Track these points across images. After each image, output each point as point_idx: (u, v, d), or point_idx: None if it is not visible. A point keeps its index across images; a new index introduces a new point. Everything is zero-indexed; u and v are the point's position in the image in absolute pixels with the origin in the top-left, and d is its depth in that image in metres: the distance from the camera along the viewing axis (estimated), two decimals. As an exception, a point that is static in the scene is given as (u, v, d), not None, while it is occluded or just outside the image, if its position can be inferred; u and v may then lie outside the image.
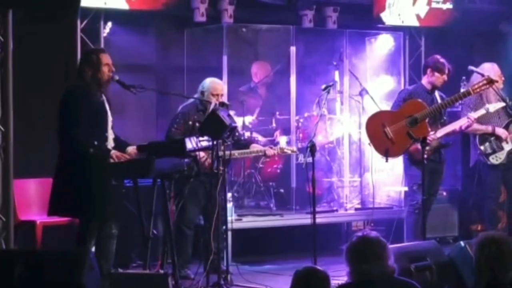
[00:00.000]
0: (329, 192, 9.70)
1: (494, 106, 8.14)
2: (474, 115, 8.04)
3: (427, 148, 7.74)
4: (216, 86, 7.80)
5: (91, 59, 6.61)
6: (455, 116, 8.37)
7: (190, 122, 7.71)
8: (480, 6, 10.59)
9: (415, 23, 10.17)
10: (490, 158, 8.50)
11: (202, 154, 7.41)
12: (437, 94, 8.10)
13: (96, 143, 6.43)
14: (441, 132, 7.95)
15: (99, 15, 8.70)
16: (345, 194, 9.65)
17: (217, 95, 7.73)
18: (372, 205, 9.25)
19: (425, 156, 7.70)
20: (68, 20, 8.51)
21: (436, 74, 8.01)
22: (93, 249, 6.61)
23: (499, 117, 8.48)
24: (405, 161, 8.14)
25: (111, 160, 6.45)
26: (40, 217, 7.93)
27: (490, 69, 8.37)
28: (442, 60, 8.06)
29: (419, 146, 7.65)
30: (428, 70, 8.08)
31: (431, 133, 7.82)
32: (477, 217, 9.39)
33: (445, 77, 8.04)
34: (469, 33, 10.55)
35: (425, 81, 8.12)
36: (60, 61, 8.60)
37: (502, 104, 8.19)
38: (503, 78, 8.47)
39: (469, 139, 8.75)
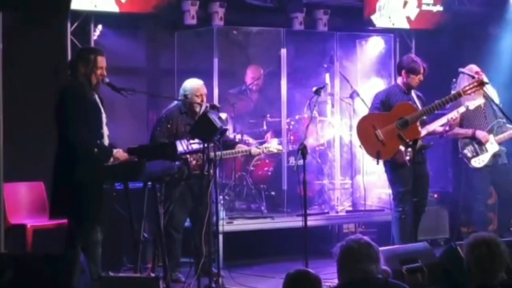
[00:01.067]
0: (320, 194, 9.69)
1: (474, 103, 8.07)
2: (459, 110, 7.97)
3: (409, 150, 7.73)
4: (198, 87, 7.83)
5: (88, 58, 6.57)
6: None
7: (174, 125, 7.72)
8: (469, 8, 10.62)
9: (405, 25, 10.18)
10: (472, 161, 8.50)
11: (190, 158, 7.42)
12: (413, 93, 7.98)
13: (98, 142, 6.44)
14: (423, 131, 7.84)
15: (89, 17, 8.70)
16: (336, 196, 9.64)
17: (201, 95, 7.76)
18: (363, 208, 9.25)
19: (409, 158, 7.71)
20: (59, 22, 8.52)
21: (411, 75, 7.88)
22: (83, 252, 6.60)
23: (485, 118, 8.48)
24: (388, 166, 7.97)
25: (112, 160, 6.45)
26: (30, 221, 7.91)
27: (470, 71, 8.37)
28: (415, 60, 7.93)
29: (401, 148, 7.66)
30: (403, 72, 7.94)
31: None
32: (467, 219, 9.38)
33: (420, 77, 7.90)
34: (459, 35, 10.58)
35: (400, 81, 7.99)
36: (50, 64, 8.58)
37: (482, 101, 8.11)
38: (482, 74, 8.45)
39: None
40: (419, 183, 7.83)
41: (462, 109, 7.96)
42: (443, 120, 7.94)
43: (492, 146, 8.47)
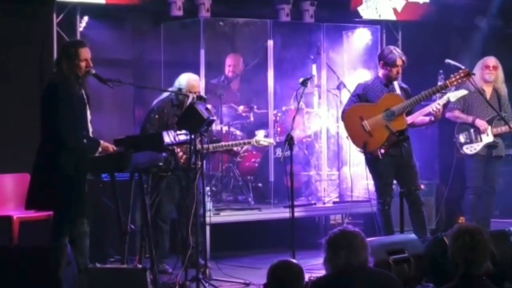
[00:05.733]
0: (307, 186, 9.70)
1: (456, 94, 8.11)
2: (441, 101, 7.96)
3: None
4: (194, 83, 7.76)
5: (69, 52, 6.54)
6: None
7: (165, 118, 7.69)
8: (456, 0, 10.63)
9: (392, 17, 10.18)
10: (464, 147, 8.56)
11: (177, 150, 7.40)
12: (396, 85, 7.93)
13: (85, 133, 6.43)
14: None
15: (75, 9, 8.66)
16: (323, 187, 9.65)
17: (195, 92, 7.70)
18: (350, 199, 9.26)
19: (383, 151, 7.74)
20: (44, 14, 8.48)
21: (388, 67, 7.84)
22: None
23: (487, 108, 8.53)
24: (366, 160, 7.97)
25: (100, 150, 6.44)
26: (16, 212, 7.88)
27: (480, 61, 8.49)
28: (393, 51, 7.86)
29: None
30: (381, 63, 7.94)
31: None
32: (457, 209, 9.41)
33: (398, 69, 7.83)
34: (445, 26, 10.60)
35: (380, 73, 7.98)
36: (36, 56, 8.56)
37: (464, 92, 8.15)
38: (490, 68, 8.53)
39: (447, 132, 8.78)
40: (403, 175, 7.85)
41: (443, 100, 7.94)
42: (425, 111, 7.93)
43: (487, 137, 8.51)
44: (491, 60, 8.68)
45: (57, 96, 6.39)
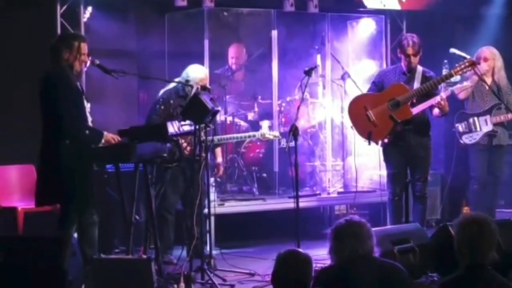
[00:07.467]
0: (311, 176, 9.69)
1: (460, 87, 8.11)
2: (443, 94, 7.93)
3: None
4: (202, 76, 7.71)
5: (72, 44, 6.50)
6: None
7: (171, 109, 7.67)
8: (461, -12, 10.58)
9: (396, 6, 10.13)
10: (463, 137, 8.55)
11: (181, 140, 7.39)
12: (419, 72, 7.87)
13: (87, 124, 6.43)
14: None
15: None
16: (327, 178, 9.64)
17: (202, 85, 7.67)
18: (355, 189, 9.24)
19: (386, 141, 7.74)
20: (48, 5, 8.47)
21: (401, 55, 7.88)
22: (75, 235, 6.58)
23: (487, 96, 8.51)
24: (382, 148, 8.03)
25: (103, 141, 6.44)
26: (21, 204, 7.89)
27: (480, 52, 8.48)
28: (407, 39, 7.82)
29: None
30: (398, 51, 8.02)
31: None
32: (462, 198, 9.40)
33: (410, 58, 7.78)
34: (450, 16, 10.55)
35: (401, 61, 8.01)
36: (39, 47, 8.53)
37: (469, 84, 8.15)
38: (480, 61, 8.50)
39: (452, 121, 8.77)
40: (411, 164, 7.83)
41: (447, 93, 7.95)
42: (429, 103, 7.89)
43: (486, 126, 8.50)
44: (482, 52, 8.63)
45: (57, 88, 6.37)
